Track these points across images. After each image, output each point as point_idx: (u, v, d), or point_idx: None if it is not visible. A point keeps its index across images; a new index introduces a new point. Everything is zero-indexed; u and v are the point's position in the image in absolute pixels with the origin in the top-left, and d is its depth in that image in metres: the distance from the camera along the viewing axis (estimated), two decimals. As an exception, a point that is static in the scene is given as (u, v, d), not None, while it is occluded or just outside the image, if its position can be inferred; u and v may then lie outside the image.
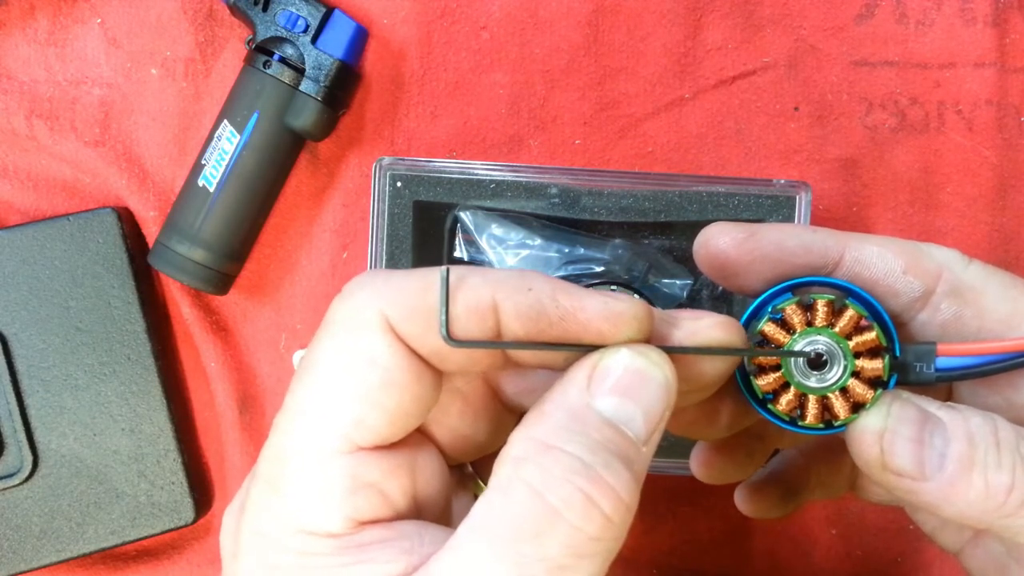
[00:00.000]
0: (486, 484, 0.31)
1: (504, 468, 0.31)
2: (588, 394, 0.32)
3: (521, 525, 0.29)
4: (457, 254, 0.58)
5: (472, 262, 0.58)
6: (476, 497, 0.37)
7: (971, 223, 0.59)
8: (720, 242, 0.39)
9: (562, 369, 0.33)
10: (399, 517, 0.33)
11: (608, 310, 0.32)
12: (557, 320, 0.32)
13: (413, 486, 0.34)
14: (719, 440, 0.46)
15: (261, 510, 0.33)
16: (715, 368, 0.35)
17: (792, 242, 0.38)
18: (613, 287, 0.57)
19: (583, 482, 0.30)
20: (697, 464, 0.46)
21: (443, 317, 0.31)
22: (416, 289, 0.32)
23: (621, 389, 0.32)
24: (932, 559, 0.60)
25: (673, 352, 0.33)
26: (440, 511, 0.35)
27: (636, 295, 0.53)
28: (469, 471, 0.39)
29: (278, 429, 0.33)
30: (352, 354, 0.32)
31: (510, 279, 0.32)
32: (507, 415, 0.38)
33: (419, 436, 0.35)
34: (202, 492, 0.61)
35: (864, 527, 0.61)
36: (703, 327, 0.35)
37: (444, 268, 0.31)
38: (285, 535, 0.32)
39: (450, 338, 0.31)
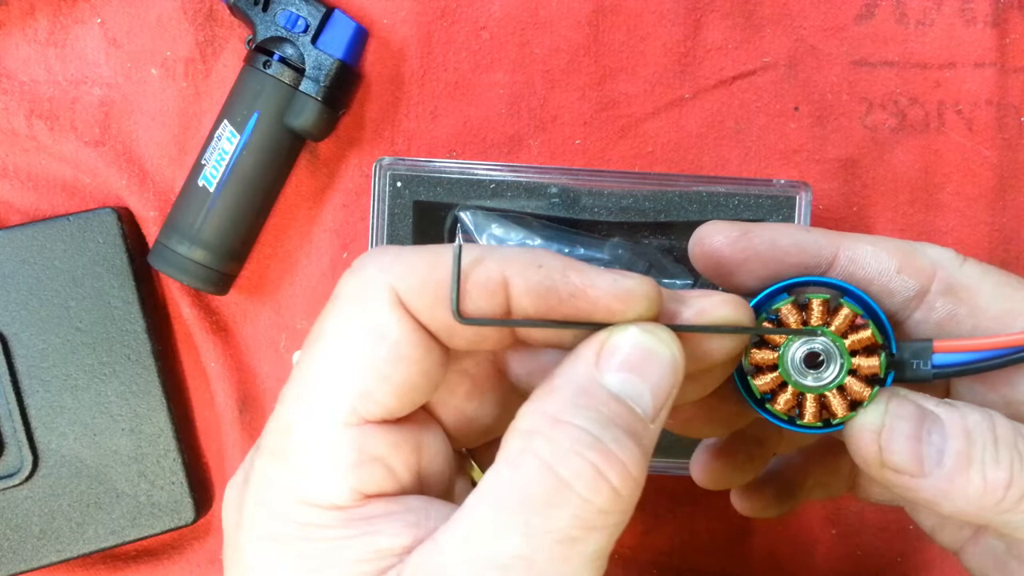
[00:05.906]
0: (483, 471, 0.31)
1: (513, 441, 0.31)
2: (597, 370, 0.32)
3: (530, 496, 0.29)
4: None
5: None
6: (474, 483, 0.37)
7: (971, 223, 0.59)
8: (714, 240, 0.39)
9: (570, 347, 0.33)
10: (404, 492, 0.33)
11: (618, 288, 0.32)
12: (567, 297, 0.32)
13: (418, 463, 0.34)
14: (718, 445, 0.46)
15: (265, 481, 0.33)
16: (723, 347, 0.35)
17: (786, 241, 0.39)
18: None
19: (593, 455, 0.30)
20: (697, 469, 0.46)
21: (454, 294, 0.31)
22: (426, 264, 0.32)
23: (629, 366, 0.32)
24: (932, 558, 0.60)
25: (681, 331, 0.33)
26: (444, 491, 0.35)
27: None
28: (465, 454, 0.39)
29: (284, 401, 0.33)
30: (360, 327, 0.32)
31: (521, 256, 0.32)
32: (514, 397, 0.38)
33: (425, 415, 0.35)
34: (202, 492, 0.61)
35: (864, 527, 0.61)
36: (711, 305, 0.35)
37: (456, 244, 0.31)
38: (289, 506, 0.32)
39: (460, 315, 0.31)
